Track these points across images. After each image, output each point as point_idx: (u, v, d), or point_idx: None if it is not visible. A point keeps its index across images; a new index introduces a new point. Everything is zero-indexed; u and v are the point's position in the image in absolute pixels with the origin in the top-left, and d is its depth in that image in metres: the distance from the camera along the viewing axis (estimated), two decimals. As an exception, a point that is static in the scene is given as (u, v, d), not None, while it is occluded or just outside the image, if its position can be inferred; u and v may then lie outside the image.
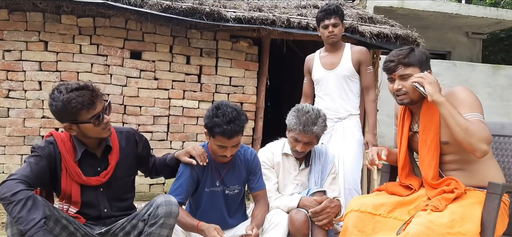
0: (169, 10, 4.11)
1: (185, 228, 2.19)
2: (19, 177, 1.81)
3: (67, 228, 1.94)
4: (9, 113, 4.16)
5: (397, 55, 2.03)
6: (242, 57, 4.72)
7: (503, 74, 8.43)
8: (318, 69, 3.22)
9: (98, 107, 1.92)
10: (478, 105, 1.94)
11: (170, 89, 4.53)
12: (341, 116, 3.14)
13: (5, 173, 4.17)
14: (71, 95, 1.86)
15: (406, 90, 2.01)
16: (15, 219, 1.74)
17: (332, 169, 2.57)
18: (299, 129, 2.37)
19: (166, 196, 2.00)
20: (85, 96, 1.87)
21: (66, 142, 1.99)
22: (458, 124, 1.82)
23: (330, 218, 2.31)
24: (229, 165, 2.32)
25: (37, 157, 1.91)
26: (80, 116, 1.89)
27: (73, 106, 1.85)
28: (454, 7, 8.66)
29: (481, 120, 1.88)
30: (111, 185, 2.07)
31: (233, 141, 2.14)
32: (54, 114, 1.94)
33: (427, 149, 2.01)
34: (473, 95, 1.98)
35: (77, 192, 1.98)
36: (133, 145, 2.18)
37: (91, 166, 2.03)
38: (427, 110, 2.02)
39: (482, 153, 1.83)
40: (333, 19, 3.06)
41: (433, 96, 1.88)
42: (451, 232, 1.73)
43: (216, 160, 2.29)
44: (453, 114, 1.84)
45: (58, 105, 1.87)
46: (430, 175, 1.99)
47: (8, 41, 4.12)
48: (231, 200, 2.36)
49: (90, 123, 1.91)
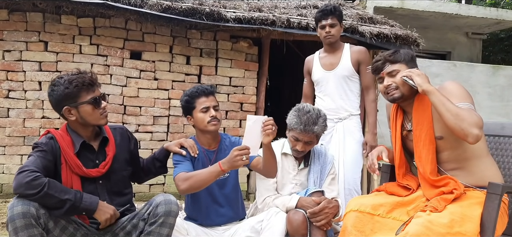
0: (169, 10, 4.12)
1: (207, 181, 2.13)
2: (33, 168, 1.85)
3: (66, 229, 1.94)
4: (9, 113, 4.17)
5: (384, 55, 2.12)
6: (242, 57, 4.73)
7: (503, 74, 8.43)
8: (318, 69, 3.22)
9: (96, 90, 2.05)
10: (468, 96, 1.96)
11: (170, 89, 4.53)
12: (342, 117, 3.13)
13: (5, 173, 4.17)
14: (72, 77, 2.00)
15: (396, 84, 2.05)
16: (48, 199, 1.82)
17: (332, 169, 2.57)
18: (300, 128, 2.38)
19: (166, 195, 2.02)
20: (85, 78, 2.01)
21: (65, 136, 2.04)
22: (448, 110, 1.84)
23: (328, 219, 2.31)
24: (217, 151, 2.40)
25: (43, 151, 1.95)
26: (80, 97, 2.00)
27: (74, 85, 1.97)
28: (454, 7, 8.66)
29: (472, 108, 1.90)
30: (110, 178, 2.12)
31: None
32: (56, 100, 2.01)
33: (423, 144, 2.02)
34: (462, 87, 2.00)
35: (78, 184, 2.01)
36: (126, 140, 2.26)
37: (89, 159, 2.08)
38: (419, 105, 2.04)
39: (475, 138, 1.82)
40: (330, 20, 3.06)
41: (423, 86, 1.91)
42: (450, 232, 1.73)
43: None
44: (443, 101, 1.86)
45: (60, 89, 1.98)
46: (428, 169, 2.00)
47: (8, 41, 4.12)
48: (223, 185, 2.40)
49: (90, 105, 2.01)
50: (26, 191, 1.79)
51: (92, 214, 1.95)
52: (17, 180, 1.81)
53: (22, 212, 1.76)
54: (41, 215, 1.81)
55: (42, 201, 1.82)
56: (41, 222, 1.81)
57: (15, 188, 1.81)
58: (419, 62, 2.92)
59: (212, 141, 2.42)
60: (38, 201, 1.81)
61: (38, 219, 1.80)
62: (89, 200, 1.93)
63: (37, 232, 1.80)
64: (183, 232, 2.20)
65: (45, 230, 1.85)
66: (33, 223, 1.78)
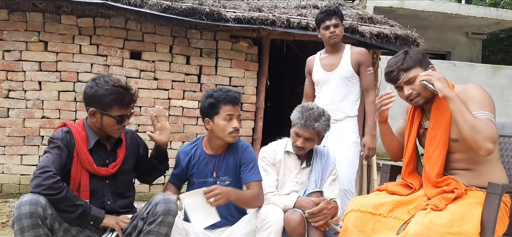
0: (169, 10, 4.11)
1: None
2: (54, 171, 1.89)
3: (69, 231, 1.99)
4: (9, 113, 4.16)
5: (395, 63, 2.05)
6: (242, 57, 4.72)
7: (503, 74, 8.44)
8: (318, 70, 3.23)
9: (128, 110, 2.10)
10: (489, 103, 1.93)
11: (170, 89, 4.53)
12: (338, 118, 3.13)
13: (5, 173, 4.17)
14: (114, 89, 2.02)
15: (417, 91, 2.02)
16: (64, 202, 1.87)
17: (333, 170, 2.58)
18: (300, 123, 2.42)
19: (165, 195, 2.04)
20: (126, 96, 2.06)
21: (80, 131, 2.09)
22: (465, 120, 1.82)
23: (326, 220, 2.32)
24: (221, 157, 2.37)
25: (59, 148, 1.99)
26: (111, 110, 2.04)
27: (113, 98, 2.01)
28: (454, 7, 8.67)
29: (490, 119, 1.87)
30: (117, 178, 2.16)
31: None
32: (90, 97, 2.05)
33: (436, 145, 2.01)
34: (485, 93, 1.97)
35: (86, 180, 2.06)
36: (136, 145, 2.30)
37: (100, 157, 2.13)
38: (438, 106, 2.02)
39: (487, 152, 1.82)
40: (334, 20, 3.07)
41: (444, 91, 1.88)
42: (450, 232, 1.73)
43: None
44: (461, 110, 1.84)
45: (99, 91, 2.01)
46: (435, 171, 1.99)
47: (8, 41, 4.12)
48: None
49: (113, 119, 2.04)
50: (46, 191, 1.84)
51: (99, 223, 2.00)
52: (38, 180, 1.85)
53: (30, 212, 1.78)
54: (48, 216, 1.84)
55: (57, 203, 1.87)
56: (47, 223, 1.84)
57: (35, 186, 1.85)
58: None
59: (220, 148, 2.38)
60: (53, 203, 1.86)
61: (44, 220, 1.82)
62: (97, 210, 2.00)
63: (43, 232, 1.83)
64: (182, 233, 2.20)
65: (50, 230, 1.88)
66: (40, 224, 1.81)
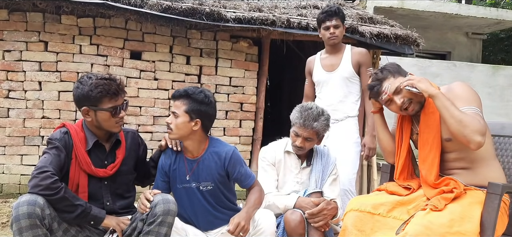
0: (169, 10, 4.11)
1: None
2: (52, 171, 1.89)
3: (68, 231, 1.99)
4: (9, 113, 4.16)
5: (374, 79, 2.11)
6: (242, 57, 4.72)
7: (503, 74, 8.44)
8: (319, 71, 3.22)
9: (119, 100, 2.08)
10: (475, 98, 1.95)
11: (170, 89, 4.53)
12: (338, 118, 3.13)
13: (5, 173, 4.17)
14: (100, 81, 2.03)
15: (408, 98, 2.02)
16: (62, 202, 1.87)
17: (333, 170, 2.57)
18: (299, 122, 2.42)
19: (164, 195, 2.03)
20: (111, 86, 2.04)
21: (79, 132, 2.09)
22: (452, 116, 1.84)
23: (326, 220, 2.32)
24: (198, 160, 2.25)
25: (58, 149, 1.99)
26: (101, 103, 2.03)
27: (99, 91, 2.00)
28: (454, 7, 8.67)
29: (477, 113, 1.89)
30: (116, 179, 2.16)
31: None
32: (78, 97, 2.05)
33: (429, 148, 2.02)
34: (470, 89, 1.99)
35: (84, 182, 2.06)
36: (136, 146, 2.29)
37: (99, 158, 2.13)
38: (427, 108, 2.03)
39: (477, 145, 1.83)
40: (334, 21, 3.06)
41: (428, 90, 1.91)
42: (450, 231, 1.73)
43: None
44: (447, 106, 1.86)
45: (85, 88, 2.01)
46: (432, 174, 1.99)
47: (8, 41, 4.12)
48: (209, 195, 2.27)
49: (107, 112, 2.04)
50: (44, 192, 1.84)
51: (100, 223, 2.00)
52: (35, 180, 1.85)
53: (28, 212, 1.78)
54: (46, 216, 1.84)
55: (56, 203, 1.87)
56: (45, 223, 1.84)
57: (32, 186, 1.85)
58: (419, 62, 2.90)
59: (195, 150, 2.24)
60: (52, 203, 1.86)
61: (43, 220, 1.82)
62: (97, 209, 2.00)
63: (41, 233, 1.82)
64: (181, 233, 2.20)
65: (49, 230, 1.87)
66: (38, 224, 1.80)
